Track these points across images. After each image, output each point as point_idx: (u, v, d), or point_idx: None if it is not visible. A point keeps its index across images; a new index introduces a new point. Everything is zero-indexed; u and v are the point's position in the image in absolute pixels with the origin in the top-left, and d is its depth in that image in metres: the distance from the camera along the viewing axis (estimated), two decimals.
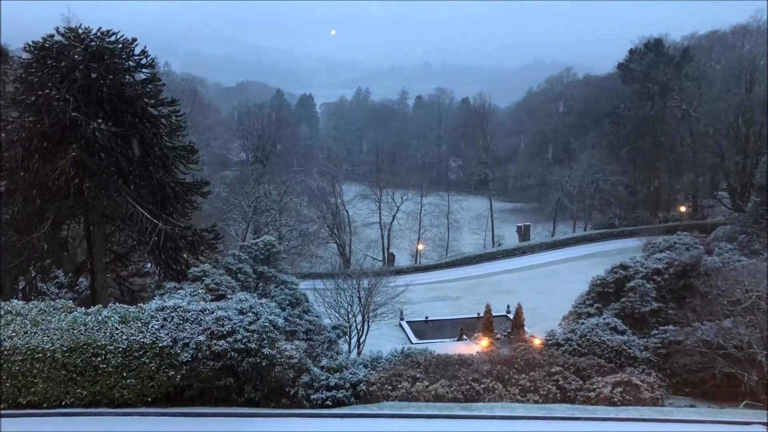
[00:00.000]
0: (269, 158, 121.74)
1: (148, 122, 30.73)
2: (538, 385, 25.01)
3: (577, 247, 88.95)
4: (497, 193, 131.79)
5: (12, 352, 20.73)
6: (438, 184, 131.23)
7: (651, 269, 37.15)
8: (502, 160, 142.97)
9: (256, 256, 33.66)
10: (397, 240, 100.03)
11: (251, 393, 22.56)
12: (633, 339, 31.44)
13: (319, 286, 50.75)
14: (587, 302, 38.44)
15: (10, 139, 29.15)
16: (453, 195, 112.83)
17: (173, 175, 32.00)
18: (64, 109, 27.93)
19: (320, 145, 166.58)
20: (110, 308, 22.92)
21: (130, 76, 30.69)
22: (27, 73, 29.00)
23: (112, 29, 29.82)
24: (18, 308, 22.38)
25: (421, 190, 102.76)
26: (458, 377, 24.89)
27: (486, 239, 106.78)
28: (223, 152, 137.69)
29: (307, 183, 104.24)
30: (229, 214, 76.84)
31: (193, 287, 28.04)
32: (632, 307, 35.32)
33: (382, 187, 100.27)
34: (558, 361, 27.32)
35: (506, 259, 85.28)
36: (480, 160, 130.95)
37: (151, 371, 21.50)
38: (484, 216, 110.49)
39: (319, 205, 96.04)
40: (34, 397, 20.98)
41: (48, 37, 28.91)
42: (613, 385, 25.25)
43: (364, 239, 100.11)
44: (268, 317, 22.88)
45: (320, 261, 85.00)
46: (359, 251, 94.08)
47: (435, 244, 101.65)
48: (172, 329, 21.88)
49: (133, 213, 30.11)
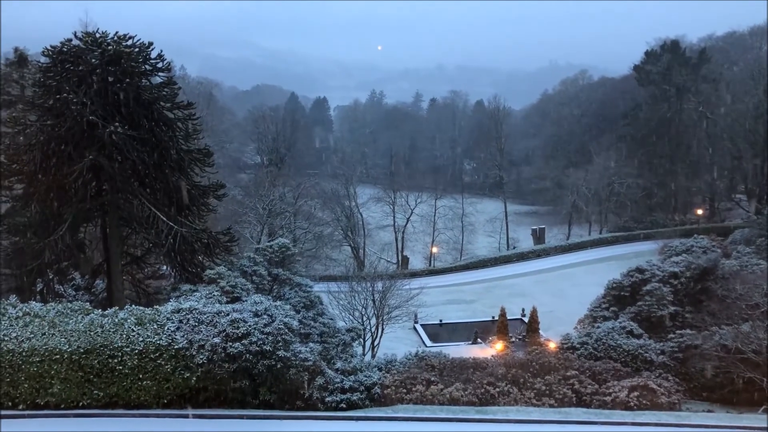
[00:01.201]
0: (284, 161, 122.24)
1: (165, 125, 30.93)
2: (553, 389, 24.86)
3: (592, 250, 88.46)
4: (512, 196, 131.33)
5: (30, 354, 20.91)
6: (452, 186, 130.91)
7: (668, 273, 36.90)
8: (516, 163, 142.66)
9: (271, 258, 33.75)
10: (411, 243, 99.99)
11: (266, 395, 22.60)
12: (649, 343, 31.22)
13: (334, 288, 50.80)
14: (603, 306, 38.24)
15: (28, 142, 29.49)
16: (467, 197, 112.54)
17: (189, 177, 32.16)
18: (81, 112, 28.21)
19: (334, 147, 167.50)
20: (126, 310, 23.08)
21: (147, 80, 30.93)
22: (45, 77, 29.36)
23: (129, 33, 30.08)
24: (36, 310, 22.58)
25: (436, 192, 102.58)
26: (473, 380, 24.80)
27: (501, 242, 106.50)
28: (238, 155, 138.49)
29: (322, 186, 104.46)
30: (244, 216, 77.26)
31: (208, 289, 28.16)
32: (649, 311, 35.09)
33: (396, 190, 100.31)
34: (573, 364, 27.17)
35: (521, 262, 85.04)
36: (495, 162, 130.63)
37: (167, 373, 21.61)
38: (498, 219, 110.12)
39: (333, 208, 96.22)
40: (52, 398, 21.14)
41: (66, 42, 29.22)
42: (630, 389, 25.05)
43: (378, 242, 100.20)
44: (282, 319, 22.92)
45: (334, 263, 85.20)
46: (373, 254, 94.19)
47: (449, 246, 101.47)
48: (187, 331, 21.99)
49: (149, 216, 30.31)
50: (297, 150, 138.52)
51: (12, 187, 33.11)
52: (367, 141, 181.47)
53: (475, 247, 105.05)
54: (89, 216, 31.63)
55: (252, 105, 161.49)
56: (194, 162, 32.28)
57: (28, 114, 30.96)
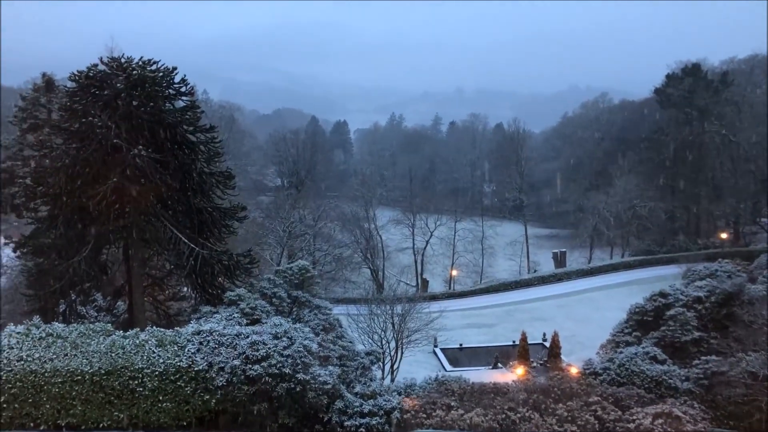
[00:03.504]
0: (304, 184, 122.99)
1: (187, 148, 31.30)
2: (575, 415, 24.45)
3: (614, 274, 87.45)
4: (532, 219, 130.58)
5: (53, 374, 21.07)
6: (472, 209, 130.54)
7: (692, 297, 36.27)
8: (537, 186, 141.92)
9: (291, 280, 33.78)
10: (431, 265, 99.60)
11: (285, 418, 22.50)
12: (674, 369, 30.60)
13: (353, 311, 50.69)
14: (625, 330, 37.64)
15: (54, 165, 29.96)
16: (487, 220, 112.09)
17: (211, 200, 32.43)
18: (106, 135, 28.66)
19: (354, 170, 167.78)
20: (147, 332, 23.20)
21: (170, 104, 31.35)
22: (72, 101, 29.90)
23: (153, 58, 30.58)
24: (59, 331, 22.78)
25: (455, 215, 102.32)
26: (494, 406, 24.49)
27: (521, 265, 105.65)
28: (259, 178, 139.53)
29: (341, 208, 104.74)
30: (264, 238, 77.58)
31: (228, 311, 28.23)
32: (672, 336, 34.44)
33: (415, 212, 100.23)
34: (596, 390, 26.76)
35: (542, 286, 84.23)
36: (515, 185, 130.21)
37: (187, 395, 21.63)
38: (519, 242, 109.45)
39: (352, 230, 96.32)
40: (73, 419, 21.25)
41: (92, 67, 29.78)
42: (654, 416, 24.56)
43: (398, 264, 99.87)
44: (302, 342, 22.89)
45: (354, 286, 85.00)
46: (392, 276, 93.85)
47: (469, 270, 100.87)
48: (207, 353, 22.02)
49: (171, 237, 30.58)
50: (317, 172, 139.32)
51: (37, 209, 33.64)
52: (386, 164, 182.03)
53: (495, 270, 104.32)
54: (112, 238, 31.92)
55: (273, 128, 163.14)
56: (216, 184, 32.54)
57: (54, 137, 31.54)
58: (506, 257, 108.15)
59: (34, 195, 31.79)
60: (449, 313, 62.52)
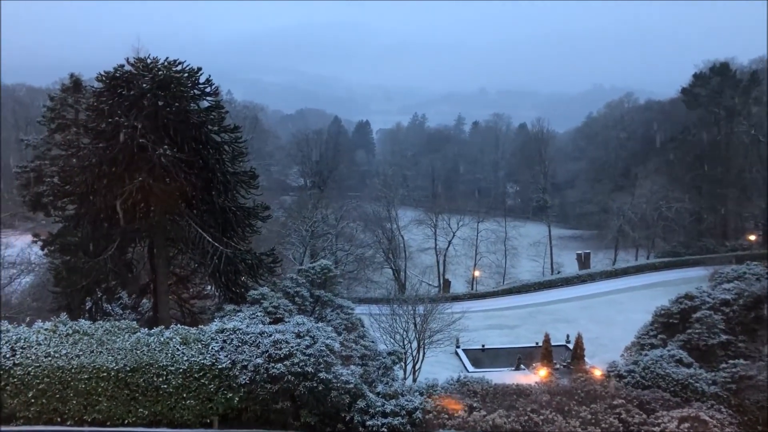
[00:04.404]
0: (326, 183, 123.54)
1: (212, 148, 31.53)
2: (599, 418, 24.15)
3: (639, 275, 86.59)
4: (556, 220, 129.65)
5: (79, 371, 21.35)
6: (495, 209, 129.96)
7: (719, 300, 35.68)
8: (560, 186, 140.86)
9: (313, 280, 33.87)
10: (453, 266, 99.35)
11: (307, 417, 22.56)
12: (700, 372, 30.10)
13: (375, 311, 50.77)
14: (651, 333, 37.14)
15: (81, 164, 30.39)
16: (510, 221, 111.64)
17: (234, 199, 32.64)
18: (132, 135, 28.98)
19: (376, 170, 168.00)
20: (172, 329, 23.42)
21: (195, 104, 31.60)
22: (98, 101, 30.28)
23: (179, 59, 30.85)
24: (85, 328, 23.08)
25: (478, 215, 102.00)
26: (516, 407, 24.30)
27: (544, 266, 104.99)
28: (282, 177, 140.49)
29: (363, 208, 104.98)
30: (287, 238, 78.06)
31: (251, 310, 28.39)
32: (699, 339, 33.90)
33: (437, 213, 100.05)
34: (620, 393, 26.40)
35: (565, 288, 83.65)
36: (538, 185, 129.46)
37: (210, 393, 21.79)
38: (542, 243, 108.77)
39: (374, 230, 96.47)
40: (98, 415, 21.50)
41: (118, 67, 30.12)
42: (680, 420, 24.16)
43: (419, 265, 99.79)
44: (324, 341, 22.93)
45: (375, 286, 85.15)
46: (414, 277, 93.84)
47: (492, 270, 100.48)
48: (231, 351, 22.16)
49: (195, 236, 30.84)
50: (339, 172, 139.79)
51: (65, 208, 34.16)
52: (408, 164, 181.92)
53: (518, 271, 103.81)
54: (137, 236, 32.27)
55: (296, 128, 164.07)
56: (240, 184, 32.73)
57: (81, 137, 31.97)
58: (529, 258, 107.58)
59: (62, 194, 32.32)
60: (471, 314, 62.33)
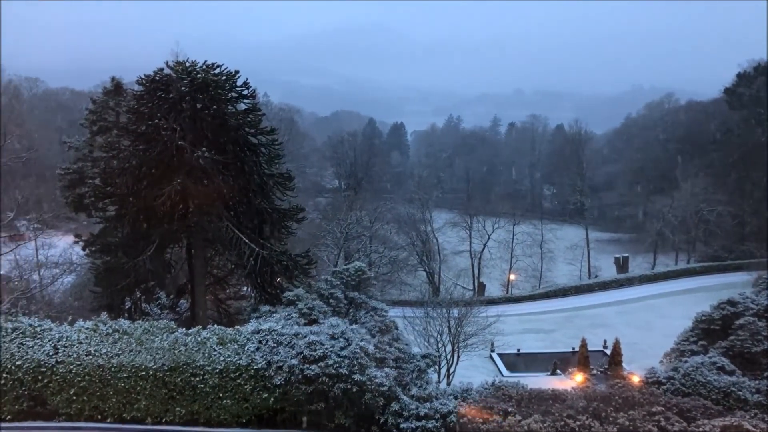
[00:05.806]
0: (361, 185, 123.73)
1: (249, 150, 31.86)
2: (637, 425, 23.66)
3: (679, 280, 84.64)
4: (593, 223, 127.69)
5: (118, 369, 21.75)
6: (531, 212, 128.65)
7: (763, 306, 34.72)
8: (598, 189, 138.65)
9: (348, 281, 33.91)
10: (488, 269, 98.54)
11: (341, 419, 22.60)
12: (743, 380, 29.29)
13: (409, 313, 50.61)
14: (691, 339, 36.28)
15: (121, 166, 31.01)
16: (547, 224, 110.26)
17: (271, 201, 32.91)
18: (171, 137, 29.47)
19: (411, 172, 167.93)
20: (209, 329, 23.71)
21: (233, 107, 31.98)
22: (138, 104, 30.89)
23: (216, 62, 31.29)
24: (125, 327, 23.51)
25: (514, 218, 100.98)
26: (552, 413, 23.95)
27: (582, 270, 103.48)
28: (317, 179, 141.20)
29: (398, 210, 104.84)
30: (321, 239, 78.38)
31: (287, 311, 28.56)
32: (742, 346, 33.00)
33: (472, 215, 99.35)
34: (659, 400, 25.80)
35: (603, 292, 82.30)
36: (575, 188, 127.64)
37: (246, 393, 21.99)
38: (579, 246, 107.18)
39: (408, 232, 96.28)
40: (137, 413, 21.88)
41: (158, 71, 30.67)
42: (722, 429, 23.52)
43: (454, 267, 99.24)
44: (359, 343, 22.95)
45: (409, 288, 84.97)
46: (449, 279, 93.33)
47: (527, 274, 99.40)
48: (266, 352, 22.33)
49: (232, 237, 31.16)
50: (374, 174, 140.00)
51: (106, 209, 34.85)
52: (443, 165, 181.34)
53: (554, 275, 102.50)
54: (176, 237, 32.79)
55: (331, 130, 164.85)
56: (276, 186, 33.00)
57: (122, 139, 32.57)
58: (566, 262, 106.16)
59: (103, 195, 33.00)
60: (506, 317, 61.77)
